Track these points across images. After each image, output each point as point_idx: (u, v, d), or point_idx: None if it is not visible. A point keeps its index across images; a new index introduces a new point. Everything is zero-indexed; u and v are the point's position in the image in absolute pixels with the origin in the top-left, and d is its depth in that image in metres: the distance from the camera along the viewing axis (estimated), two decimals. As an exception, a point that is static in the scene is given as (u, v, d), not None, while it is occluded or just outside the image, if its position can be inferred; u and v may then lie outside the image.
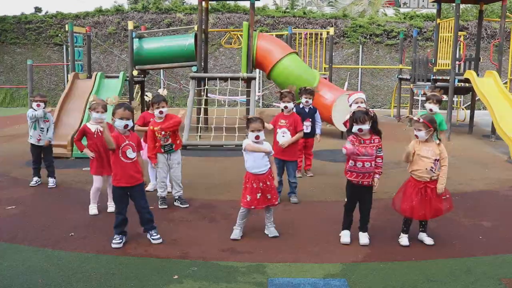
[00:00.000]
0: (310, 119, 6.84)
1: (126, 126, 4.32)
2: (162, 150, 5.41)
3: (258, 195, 4.45)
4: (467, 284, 3.64)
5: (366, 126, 4.30)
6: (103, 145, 5.14)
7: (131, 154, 4.34)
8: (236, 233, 4.55)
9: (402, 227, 4.47)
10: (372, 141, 4.36)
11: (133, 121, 4.47)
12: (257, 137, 4.43)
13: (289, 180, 5.82)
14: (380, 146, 4.40)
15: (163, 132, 5.35)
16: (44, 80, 19.19)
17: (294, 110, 5.99)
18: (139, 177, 4.41)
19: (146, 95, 5.77)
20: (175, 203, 5.58)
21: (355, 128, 4.32)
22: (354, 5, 22.54)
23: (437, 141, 4.38)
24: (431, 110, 5.76)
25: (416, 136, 4.32)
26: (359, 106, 5.49)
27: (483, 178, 7.12)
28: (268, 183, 4.49)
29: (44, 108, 6.35)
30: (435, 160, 4.30)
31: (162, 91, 5.54)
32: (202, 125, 10.65)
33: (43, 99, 6.40)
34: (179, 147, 5.55)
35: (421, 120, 4.26)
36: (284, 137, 5.67)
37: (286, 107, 5.78)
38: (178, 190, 5.60)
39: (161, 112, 5.32)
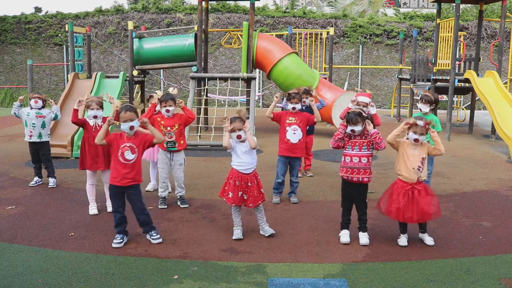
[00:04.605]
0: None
1: (131, 127, 4.29)
2: (165, 146, 5.41)
3: (240, 193, 4.45)
4: (467, 284, 3.64)
5: (358, 128, 4.30)
6: None
7: (129, 155, 4.32)
8: (238, 233, 4.54)
9: (399, 228, 4.47)
10: (364, 137, 4.37)
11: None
12: (238, 137, 4.37)
13: (291, 180, 5.81)
14: (374, 140, 4.32)
15: (168, 128, 5.37)
16: (44, 80, 19.19)
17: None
18: (135, 179, 4.36)
19: (156, 93, 5.74)
20: (178, 203, 5.58)
21: (348, 129, 4.33)
22: (354, 5, 22.54)
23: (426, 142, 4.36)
24: (421, 110, 5.76)
25: (416, 140, 4.23)
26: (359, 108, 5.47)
27: (483, 178, 7.12)
28: (249, 184, 4.46)
29: (42, 105, 6.46)
30: (422, 158, 4.27)
31: (172, 90, 5.51)
32: (202, 125, 10.65)
33: (41, 96, 6.51)
34: (182, 147, 5.53)
35: (422, 123, 4.16)
36: (296, 134, 5.65)
37: (294, 108, 5.74)
38: (180, 190, 5.60)
39: (167, 111, 5.35)
